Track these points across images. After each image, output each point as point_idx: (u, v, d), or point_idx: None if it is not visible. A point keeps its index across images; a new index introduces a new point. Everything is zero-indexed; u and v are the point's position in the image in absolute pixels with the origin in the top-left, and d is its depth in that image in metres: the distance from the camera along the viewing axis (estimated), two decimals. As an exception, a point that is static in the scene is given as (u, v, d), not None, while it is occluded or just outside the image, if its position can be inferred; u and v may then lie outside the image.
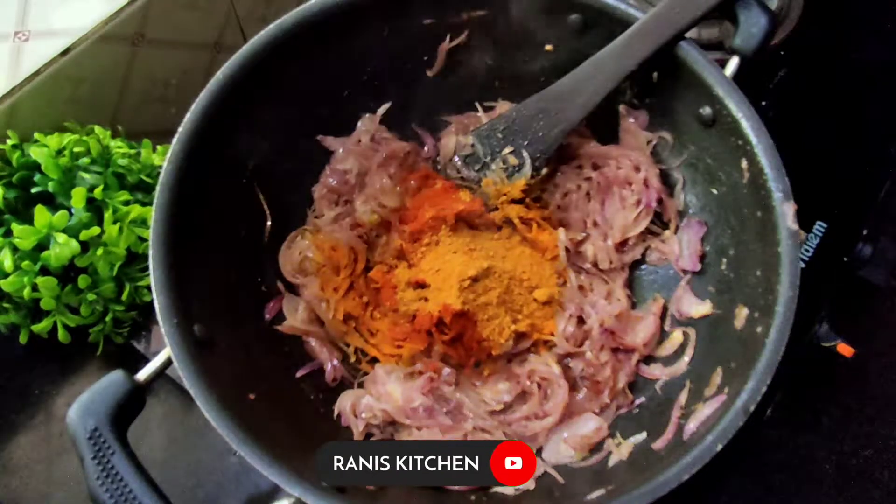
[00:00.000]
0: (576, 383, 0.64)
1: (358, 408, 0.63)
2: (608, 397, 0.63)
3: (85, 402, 0.51)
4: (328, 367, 0.66)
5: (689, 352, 0.63)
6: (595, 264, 0.68)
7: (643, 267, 0.70)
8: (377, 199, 0.71)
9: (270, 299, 0.67)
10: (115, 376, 0.52)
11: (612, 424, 0.63)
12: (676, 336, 0.65)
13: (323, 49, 0.66)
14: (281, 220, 0.69)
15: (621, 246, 0.68)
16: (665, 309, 0.67)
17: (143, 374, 0.54)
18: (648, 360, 0.65)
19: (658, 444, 0.57)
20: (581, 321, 0.66)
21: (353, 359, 0.68)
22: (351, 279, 0.69)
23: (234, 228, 0.65)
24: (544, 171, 0.69)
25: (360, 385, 0.66)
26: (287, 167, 0.69)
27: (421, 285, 0.66)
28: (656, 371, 0.64)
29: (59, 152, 0.69)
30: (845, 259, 0.73)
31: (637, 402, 0.64)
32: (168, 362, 0.54)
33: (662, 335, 0.66)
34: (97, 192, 0.68)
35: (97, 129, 0.73)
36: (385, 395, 0.63)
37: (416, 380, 0.63)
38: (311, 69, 0.67)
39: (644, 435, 0.60)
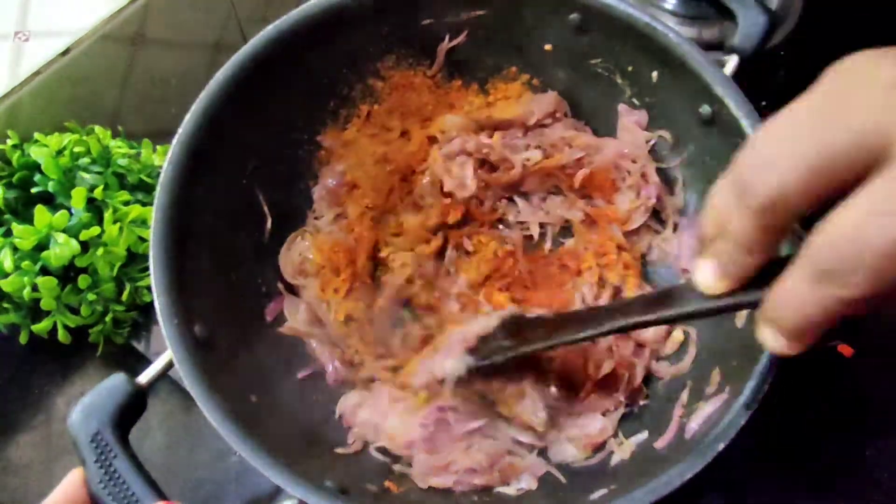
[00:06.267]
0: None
1: (355, 417, 0.63)
2: (623, 394, 0.63)
3: (87, 405, 0.51)
4: (329, 368, 0.66)
5: (692, 350, 0.63)
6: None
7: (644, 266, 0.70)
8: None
9: (271, 301, 0.67)
10: (117, 379, 0.52)
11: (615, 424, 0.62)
12: (677, 335, 0.64)
13: (323, 49, 0.66)
14: (281, 221, 0.68)
15: (629, 235, 0.69)
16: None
17: (144, 377, 0.54)
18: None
19: (660, 444, 0.57)
20: None
21: (355, 360, 0.67)
22: (351, 280, 0.69)
23: (235, 230, 0.65)
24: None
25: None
26: (287, 168, 0.69)
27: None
28: (663, 369, 0.64)
29: (59, 152, 0.69)
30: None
31: (639, 401, 0.64)
32: (169, 365, 0.54)
33: (663, 334, 0.66)
34: (97, 192, 0.68)
35: (97, 129, 0.73)
36: (382, 430, 0.61)
37: (421, 412, 0.61)
38: (312, 69, 0.67)
39: (646, 434, 0.59)
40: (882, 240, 0.28)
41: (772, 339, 0.35)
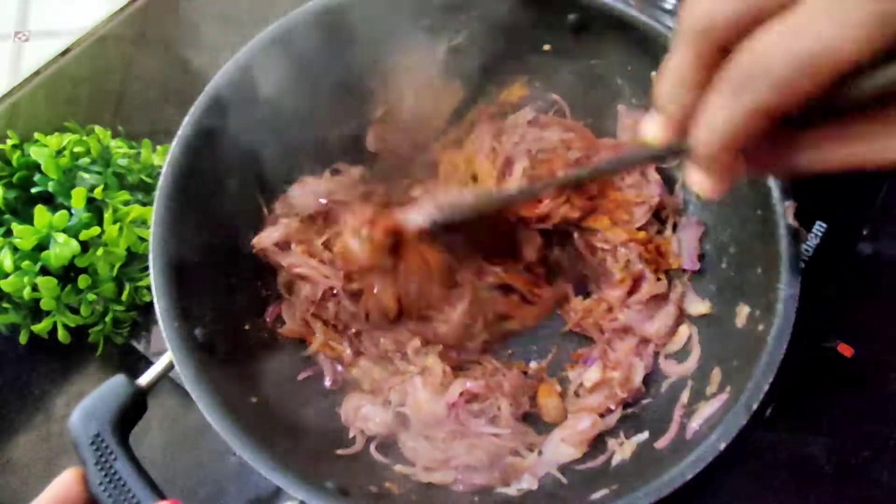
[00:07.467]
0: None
1: (358, 415, 0.63)
2: (623, 391, 0.63)
3: (87, 407, 0.51)
4: (328, 369, 0.66)
5: (696, 349, 0.63)
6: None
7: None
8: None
9: (271, 302, 0.67)
10: (117, 381, 0.52)
11: (615, 423, 0.62)
12: (683, 330, 0.64)
13: (323, 50, 0.66)
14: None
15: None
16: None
17: (144, 379, 0.54)
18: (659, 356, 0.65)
19: (661, 444, 0.57)
20: None
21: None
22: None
23: (235, 232, 0.65)
24: None
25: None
26: (287, 169, 0.69)
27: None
28: (670, 368, 0.64)
29: (59, 152, 0.69)
30: (845, 259, 0.73)
31: (640, 401, 0.64)
32: (170, 367, 0.54)
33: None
34: (97, 192, 0.68)
35: (97, 129, 0.73)
36: (410, 397, 0.62)
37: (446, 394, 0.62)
38: (312, 70, 0.67)
39: (647, 434, 0.60)
40: (787, 53, 0.31)
41: (696, 179, 0.38)
